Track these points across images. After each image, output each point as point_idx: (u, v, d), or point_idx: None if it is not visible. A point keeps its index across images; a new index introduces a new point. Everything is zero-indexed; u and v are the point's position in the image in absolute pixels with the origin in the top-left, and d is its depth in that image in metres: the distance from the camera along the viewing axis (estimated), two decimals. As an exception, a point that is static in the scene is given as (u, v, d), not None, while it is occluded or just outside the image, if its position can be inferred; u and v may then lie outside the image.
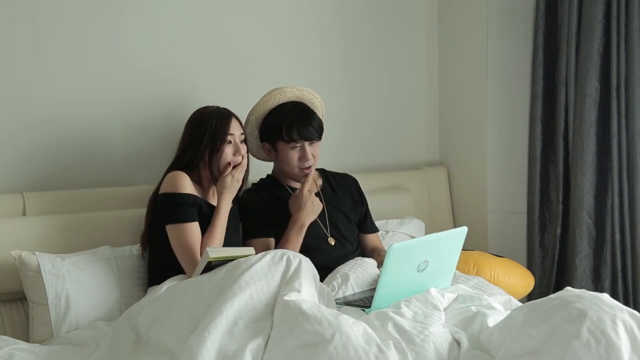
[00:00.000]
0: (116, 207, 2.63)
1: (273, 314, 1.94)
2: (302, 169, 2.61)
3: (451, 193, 3.52)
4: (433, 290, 2.18)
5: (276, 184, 2.69)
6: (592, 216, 3.06)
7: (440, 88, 3.58)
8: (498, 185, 3.37)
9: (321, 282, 2.25)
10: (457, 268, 2.44)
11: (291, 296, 1.94)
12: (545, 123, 3.24)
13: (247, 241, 2.55)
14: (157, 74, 2.83)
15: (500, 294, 2.42)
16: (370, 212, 2.82)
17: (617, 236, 3.02)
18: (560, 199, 3.17)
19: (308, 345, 1.78)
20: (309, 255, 2.19)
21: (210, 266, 2.14)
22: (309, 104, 2.69)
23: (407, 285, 2.19)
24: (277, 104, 2.64)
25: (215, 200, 2.45)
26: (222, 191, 2.40)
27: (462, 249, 2.38)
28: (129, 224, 2.55)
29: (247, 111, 2.66)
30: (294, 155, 2.60)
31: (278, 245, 2.52)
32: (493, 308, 2.14)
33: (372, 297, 2.17)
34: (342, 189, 2.78)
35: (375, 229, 2.84)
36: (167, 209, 2.34)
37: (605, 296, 1.88)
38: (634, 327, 1.76)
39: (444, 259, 2.32)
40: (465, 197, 3.48)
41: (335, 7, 3.27)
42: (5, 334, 2.26)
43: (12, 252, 2.32)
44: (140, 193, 2.63)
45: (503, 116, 3.35)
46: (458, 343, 1.94)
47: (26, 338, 2.27)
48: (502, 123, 3.35)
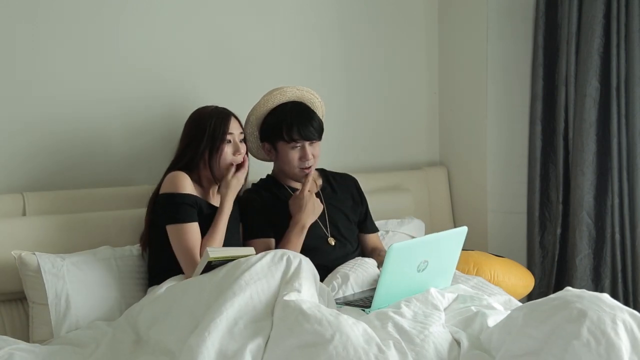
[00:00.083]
0: (116, 207, 2.62)
1: (273, 314, 1.94)
2: (303, 169, 2.61)
3: (451, 193, 3.52)
4: (433, 290, 2.18)
5: (276, 184, 2.69)
6: (592, 216, 3.06)
7: (440, 88, 3.58)
8: (498, 185, 3.37)
9: (321, 282, 2.25)
10: (457, 268, 2.44)
11: (291, 296, 1.94)
12: (545, 123, 3.24)
13: (247, 241, 2.55)
14: (157, 74, 2.83)
15: (500, 294, 2.42)
16: (370, 212, 2.82)
17: (617, 236, 3.02)
18: (560, 199, 3.17)
19: (308, 345, 1.78)
20: (309, 255, 2.19)
21: (210, 266, 2.13)
22: (309, 104, 2.69)
23: (407, 285, 2.19)
24: (277, 104, 2.64)
25: (215, 200, 2.45)
26: (226, 192, 2.40)
27: (462, 249, 2.38)
28: (129, 224, 2.55)
29: (247, 111, 2.66)
30: (294, 155, 2.60)
31: (279, 246, 2.51)
32: (493, 308, 2.14)
33: (372, 297, 2.17)
34: (342, 189, 2.77)
35: (375, 229, 2.84)
36: (167, 209, 2.34)
37: (605, 296, 1.88)
38: (634, 327, 1.76)
39: (444, 259, 2.31)
40: (465, 197, 3.48)
41: (335, 7, 3.27)
42: (5, 334, 2.26)
43: (12, 252, 2.32)
44: (140, 193, 2.63)
45: (503, 116, 3.35)
46: (458, 343, 1.94)
47: (26, 338, 2.27)
48: (502, 123, 3.35)
